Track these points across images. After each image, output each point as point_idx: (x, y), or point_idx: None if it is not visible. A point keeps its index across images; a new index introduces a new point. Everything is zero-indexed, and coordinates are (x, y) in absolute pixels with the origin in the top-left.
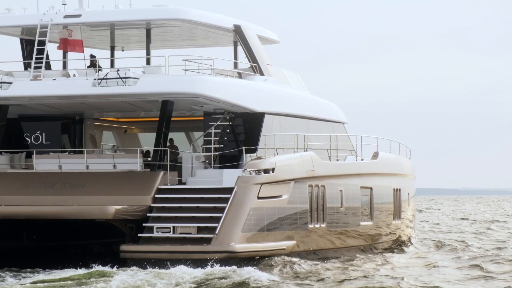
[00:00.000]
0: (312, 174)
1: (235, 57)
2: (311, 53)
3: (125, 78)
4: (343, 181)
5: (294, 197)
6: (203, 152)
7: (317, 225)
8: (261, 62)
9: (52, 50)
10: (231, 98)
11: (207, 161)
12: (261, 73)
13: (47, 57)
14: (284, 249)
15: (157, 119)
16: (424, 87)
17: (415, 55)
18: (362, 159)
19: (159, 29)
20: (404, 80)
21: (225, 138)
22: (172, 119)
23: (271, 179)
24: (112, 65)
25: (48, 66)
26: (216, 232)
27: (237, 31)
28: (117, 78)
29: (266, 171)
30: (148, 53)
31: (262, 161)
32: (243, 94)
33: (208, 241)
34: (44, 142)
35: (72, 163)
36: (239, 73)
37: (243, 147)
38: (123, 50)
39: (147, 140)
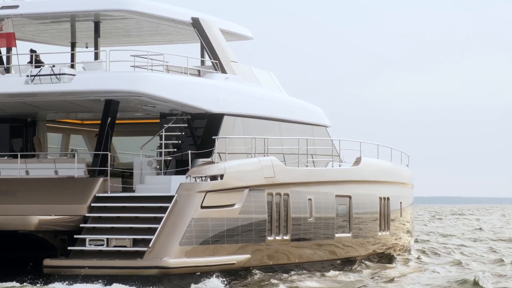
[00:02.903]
0: (273, 181)
1: (202, 55)
2: (368, 59)
3: (59, 74)
4: (313, 189)
5: (249, 207)
6: (156, 156)
7: (278, 237)
8: (224, 59)
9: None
10: (181, 97)
11: (158, 167)
12: (223, 71)
13: None
14: (233, 263)
15: (132, 121)
16: (480, 93)
17: (472, 62)
18: (339, 165)
19: (112, 23)
20: (461, 87)
21: (179, 141)
22: (141, 121)
23: (219, 187)
24: (72, 61)
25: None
26: (150, 245)
27: (195, 24)
28: (50, 74)
29: (213, 178)
30: (96, 48)
31: (208, 166)
32: (196, 93)
33: (141, 255)
34: None
35: (10, 169)
36: (198, 71)
37: (189, 151)
38: (87, 47)
39: (121, 144)
